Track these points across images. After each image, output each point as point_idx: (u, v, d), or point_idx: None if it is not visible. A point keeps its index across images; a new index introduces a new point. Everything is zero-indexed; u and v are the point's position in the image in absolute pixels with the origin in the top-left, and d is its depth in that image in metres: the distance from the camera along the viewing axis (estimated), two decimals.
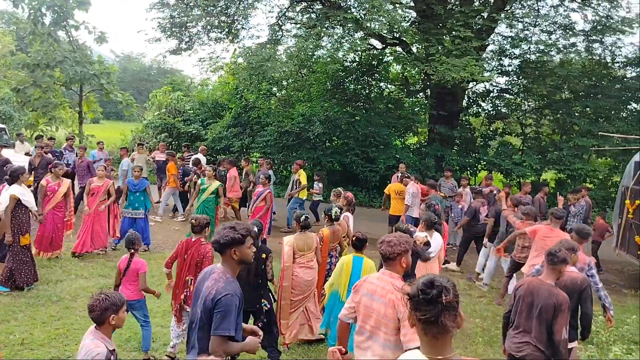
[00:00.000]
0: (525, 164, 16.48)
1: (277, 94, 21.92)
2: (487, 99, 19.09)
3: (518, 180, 16.89)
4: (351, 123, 17.77)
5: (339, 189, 8.85)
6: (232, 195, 11.85)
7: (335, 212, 6.66)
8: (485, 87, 19.11)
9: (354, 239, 5.49)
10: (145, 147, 15.41)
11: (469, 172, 17.87)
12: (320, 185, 12.34)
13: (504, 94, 18.94)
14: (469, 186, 11.93)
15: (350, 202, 8.26)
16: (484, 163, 17.47)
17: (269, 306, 5.53)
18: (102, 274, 8.18)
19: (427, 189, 10.37)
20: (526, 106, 18.94)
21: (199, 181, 10.00)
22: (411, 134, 20.95)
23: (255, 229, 5.29)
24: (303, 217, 6.07)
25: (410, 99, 20.21)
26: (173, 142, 21.24)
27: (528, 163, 16.41)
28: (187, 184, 12.56)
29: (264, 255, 5.47)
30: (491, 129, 18.97)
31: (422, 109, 19.55)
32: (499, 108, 18.98)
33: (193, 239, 5.56)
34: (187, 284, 5.49)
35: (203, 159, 13.41)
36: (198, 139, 20.56)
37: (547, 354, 4.25)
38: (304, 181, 12.19)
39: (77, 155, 13.07)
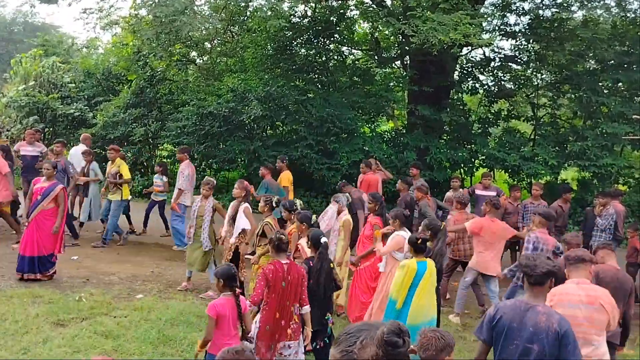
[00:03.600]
0: (537, 159, 16.95)
1: (198, 61, 21.72)
2: (487, 70, 19.52)
3: (529, 180, 17.31)
4: (302, 102, 17.80)
5: (239, 182, 9.89)
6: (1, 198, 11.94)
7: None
8: (484, 54, 19.54)
9: (419, 241, 6.80)
10: (4, 136, 14.98)
11: (462, 171, 18.23)
12: (164, 179, 13.20)
13: (510, 64, 19.40)
14: (462, 189, 12.19)
15: (248, 192, 9.60)
16: (483, 157, 17.86)
17: (332, 321, 6.93)
18: None
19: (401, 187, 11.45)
20: (539, 80, 19.46)
21: None
22: (384, 117, 21.17)
23: (325, 239, 6.81)
24: (314, 217, 7.61)
25: (383, 70, 20.42)
26: (46, 129, 20.72)
27: (542, 157, 16.86)
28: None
29: (332, 265, 6.91)
30: (492, 111, 19.39)
31: (400, 84, 19.79)
32: (503, 82, 19.44)
33: (284, 261, 6.28)
34: (292, 314, 6.26)
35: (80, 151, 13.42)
36: (83, 124, 20.15)
37: None
38: (126, 174, 12.43)
39: None
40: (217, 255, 10.06)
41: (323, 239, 6.74)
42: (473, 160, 18.25)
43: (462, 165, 18.18)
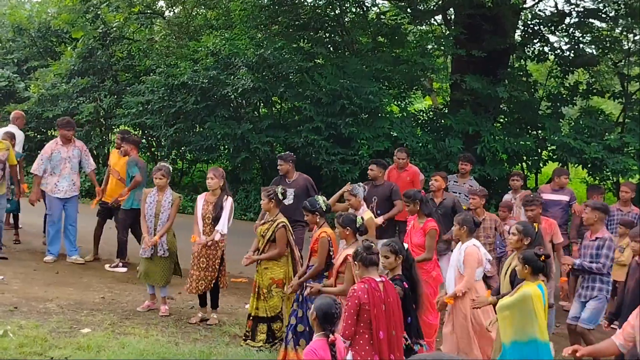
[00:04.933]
0: (628, 151, 16.90)
1: (167, 14, 21.76)
2: (560, 29, 19.45)
3: (615, 179, 17.25)
4: (307, 71, 17.81)
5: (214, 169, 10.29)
6: None
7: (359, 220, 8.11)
8: (556, 7, 19.50)
9: (542, 257, 6.86)
10: None
11: (525, 164, 18.18)
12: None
13: (591, 20, 19.33)
14: (523, 191, 12.07)
15: (226, 182, 10.22)
16: (553, 148, 17.81)
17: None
18: None
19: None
20: (630, 43, 19.40)
21: None
22: (420, 92, 21.14)
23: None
24: (359, 220, 7.94)
25: (419, 28, 20.40)
26: None
27: (633, 148, 16.81)
28: None
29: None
30: (567, 85, 19.35)
31: (441, 47, 19.76)
32: (582, 46, 19.39)
33: (379, 278, 6.44)
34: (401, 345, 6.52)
35: (19, 135, 13.46)
36: (11, 97, 20.22)
37: None
38: (12, 160, 12.34)
39: None
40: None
41: (405, 244, 7.27)
42: (540, 151, 18.24)
43: (525, 157, 18.16)
